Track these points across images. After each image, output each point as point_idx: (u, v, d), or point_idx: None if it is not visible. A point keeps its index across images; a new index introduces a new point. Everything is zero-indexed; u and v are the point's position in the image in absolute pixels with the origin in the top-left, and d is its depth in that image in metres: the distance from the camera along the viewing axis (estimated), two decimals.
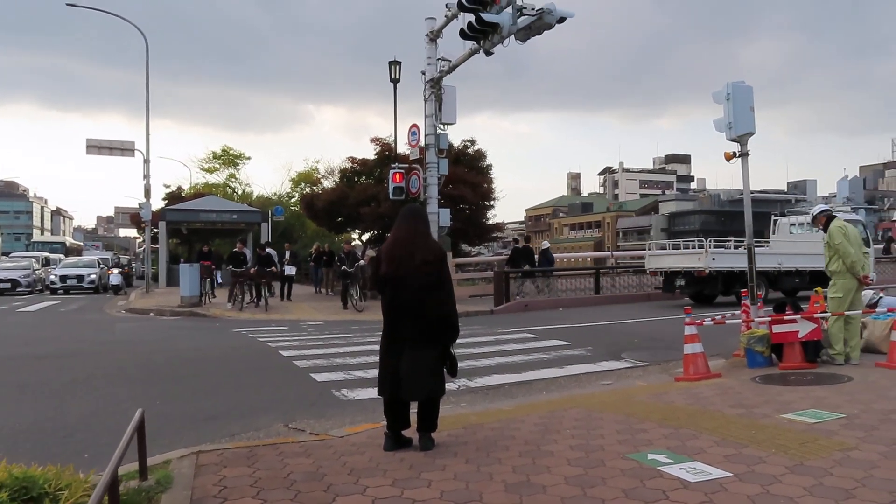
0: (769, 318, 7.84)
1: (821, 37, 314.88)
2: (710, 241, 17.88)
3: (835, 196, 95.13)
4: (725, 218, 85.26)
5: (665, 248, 21.62)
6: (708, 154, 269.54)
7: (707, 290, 17.42)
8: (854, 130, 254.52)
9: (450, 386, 6.51)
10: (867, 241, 16.02)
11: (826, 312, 7.75)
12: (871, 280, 7.75)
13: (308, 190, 35.80)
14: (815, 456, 4.35)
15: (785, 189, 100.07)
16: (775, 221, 20.14)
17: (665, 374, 8.25)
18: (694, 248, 18.66)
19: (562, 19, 13.71)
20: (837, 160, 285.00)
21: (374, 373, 5.22)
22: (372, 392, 5.82)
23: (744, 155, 8.71)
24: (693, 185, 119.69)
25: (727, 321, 8.65)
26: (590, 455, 4.62)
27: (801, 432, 4.92)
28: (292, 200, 46.20)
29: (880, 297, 9.04)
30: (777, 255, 17.76)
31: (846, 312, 7.64)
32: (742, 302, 8.84)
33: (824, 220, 8.03)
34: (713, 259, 16.79)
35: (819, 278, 13.33)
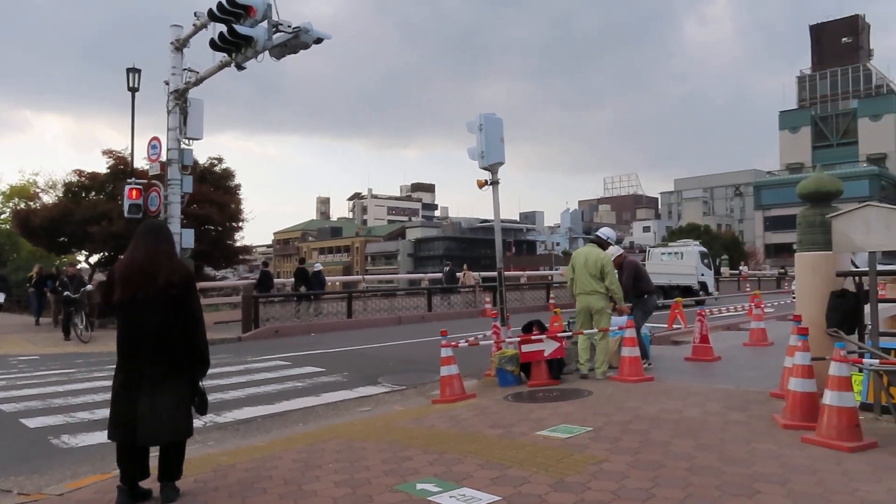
0: (518, 339, 8.22)
1: (546, 86, 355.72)
2: (651, 257, 26.68)
3: (559, 226, 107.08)
4: (467, 244, 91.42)
5: None
6: (451, 184, 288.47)
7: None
8: (573, 169, 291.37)
9: (196, 424, 5.76)
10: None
11: (567, 332, 8.37)
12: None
13: (23, 205, 30.90)
14: (573, 471, 4.48)
15: (518, 219, 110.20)
16: (649, 251, 28.92)
17: (422, 396, 8.24)
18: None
19: (319, 40, 13.43)
20: (561, 194, 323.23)
21: (104, 413, 4.40)
22: (101, 436, 4.93)
23: (494, 183, 9.12)
24: (437, 213, 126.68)
25: (480, 342, 8.94)
26: (357, 490, 4.29)
27: (556, 448, 5.08)
28: (1, 217, 39.84)
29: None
30: (652, 273, 23.42)
31: (584, 332, 8.31)
32: (493, 324, 9.20)
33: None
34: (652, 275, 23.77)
35: (684, 291, 24.05)
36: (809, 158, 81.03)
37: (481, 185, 9.00)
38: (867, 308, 6.20)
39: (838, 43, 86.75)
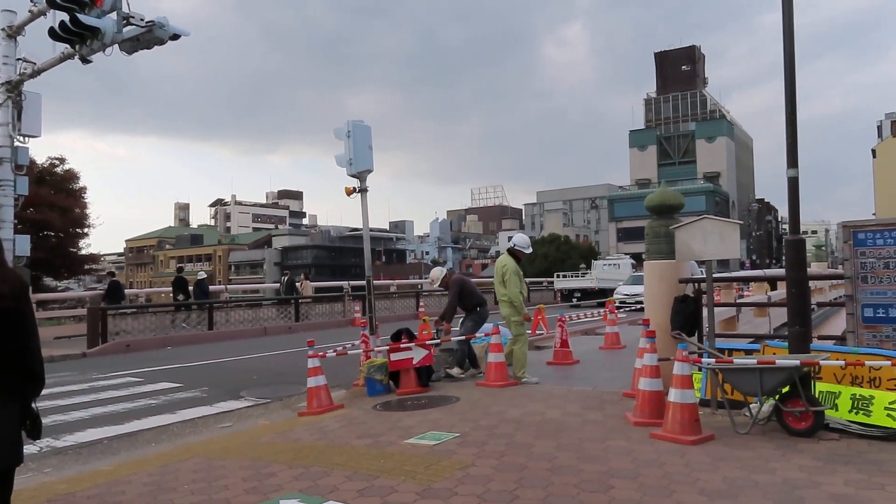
0: (387, 347, 8.21)
1: (414, 97, 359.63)
2: (595, 267, 35.77)
3: (428, 236, 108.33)
4: (336, 253, 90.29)
5: (566, 276, 37.26)
6: (320, 191, 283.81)
7: (594, 297, 31.36)
8: (441, 179, 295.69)
9: (30, 449, 5.27)
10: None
11: (435, 340, 8.49)
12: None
13: None
14: (440, 477, 4.53)
15: (387, 228, 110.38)
16: (592, 262, 38.48)
17: (288, 409, 8.02)
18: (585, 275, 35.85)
19: (175, 36, 12.76)
20: (430, 204, 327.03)
21: None
22: None
23: (363, 190, 9.08)
24: (305, 221, 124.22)
25: (349, 352, 8.83)
26: None
27: (425, 456, 5.11)
28: None
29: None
30: (597, 279, 33.52)
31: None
32: (362, 333, 9.13)
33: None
34: (598, 280, 33.05)
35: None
36: (656, 175, 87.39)
37: (349, 192, 8.93)
38: (706, 312, 6.76)
39: (679, 70, 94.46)
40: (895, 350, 6.20)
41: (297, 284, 24.76)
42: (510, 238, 9.01)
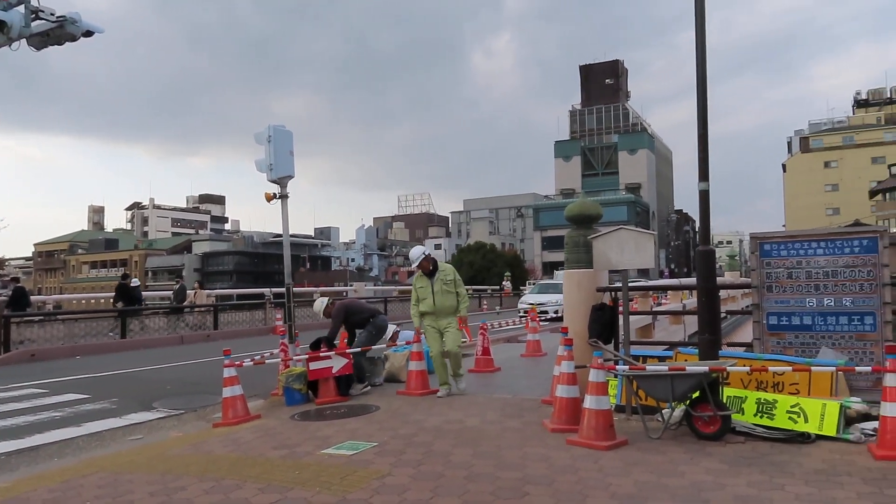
0: (306, 356, 8.06)
1: (342, 102, 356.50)
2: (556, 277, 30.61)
3: (354, 242, 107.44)
4: (258, 259, 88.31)
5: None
6: (243, 196, 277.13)
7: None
8: (369, 186, 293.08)
9: None
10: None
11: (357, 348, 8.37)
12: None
13: None
14: (356, 488, 4.46)
15: (313, 234, 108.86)
16: (556, 273, 33.83)
17: (203, 421, 7.75)
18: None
19: (89, 33, 12.15)
20: (357, 210, 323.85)
21: None
22: None
23: (283, 197, 8.91)
24: (227, 226, 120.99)
25: (267, 361, 8.63)
26: None
27: (341, 466, 5.03)
28: None
29: (398, 331, 10.22)
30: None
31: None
32: (281, 341, 8.94)
33: (429, 266, 8.13)
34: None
35: None
36: (580, 185, 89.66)
37: (269, 198, 8.75)
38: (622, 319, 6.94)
39: (603, 83, 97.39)
40: (798, 356, 6.54)
41: (191, 292, 23.52)
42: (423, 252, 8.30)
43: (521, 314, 22.60)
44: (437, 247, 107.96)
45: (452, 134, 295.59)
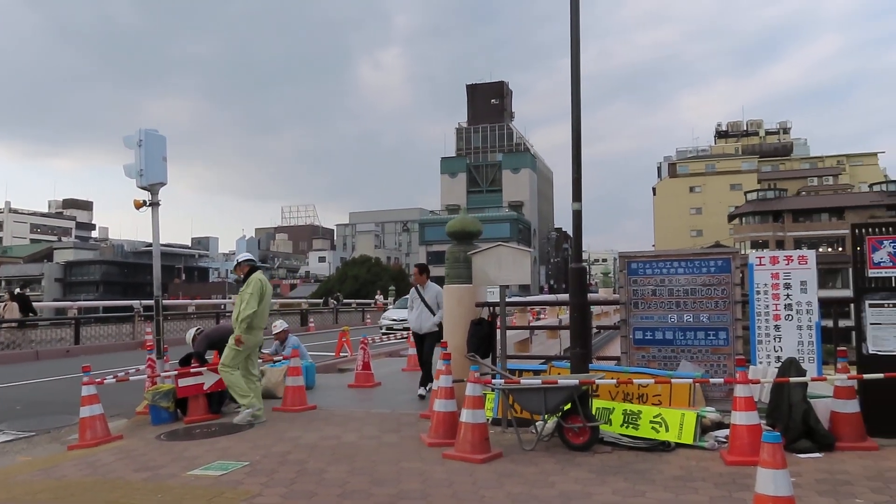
0: (175, 372, 7.65)
1: (224, 107, 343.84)
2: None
3: (234, 253, 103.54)
4: (129, 269, 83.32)
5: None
6: (114, 202, 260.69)
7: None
8: (250, 195, 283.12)
9: None
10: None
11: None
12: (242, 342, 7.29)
13: None
14: None
15: (189, 244, 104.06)
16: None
17: (57, 443, 7.17)
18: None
19: None
20: (237, 220, 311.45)
21: None
22: None
23: (154, 204, 8.45)
24: (95, 234, 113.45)
25: (131, 378, 8.11)
26: None
27: (207, 488, 4.80)
28: None
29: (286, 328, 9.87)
30: None
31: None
32: (148, 357, 8.44)
33: (247, 269, 7.65)
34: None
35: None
36: (465, 201, 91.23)
37: (139, 205, 8.27)
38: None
39: (488, 103, 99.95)
40: (661, 369, 6.94)
41: (1, 306, 20.05)
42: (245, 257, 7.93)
43: (382, 331, 22.16)
44: (322, 259, 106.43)
45: (339, 145, 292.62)
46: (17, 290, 19.55)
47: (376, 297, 46.11)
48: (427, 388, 8.33)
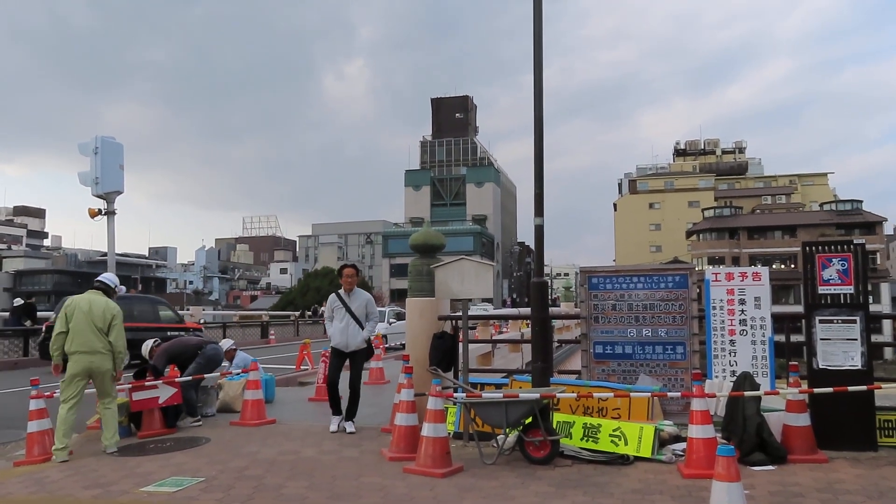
0: (129, 386, 7.46)
1: (184, 113, 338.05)
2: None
3: (193, 264, 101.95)
4: (82, 279, 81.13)
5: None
6: (67, 210, 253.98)
7: None
8: (210, 205, 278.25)
9: None
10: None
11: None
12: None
13: None
14: None
15: (147, 254, 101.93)
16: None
17: (2, 459, 6.90)
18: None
19: None
20: (196, 230, 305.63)
21: None
22: None
23: (110, 213, 8.29)
24: (47, 242, 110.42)
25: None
26: None
27: None
28: None
29: (235, 348, 9.67)
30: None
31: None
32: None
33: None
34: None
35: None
36: (429, 214, 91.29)
37: (94, 214, 8.10)
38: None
39: (453, 117, 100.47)
40: (620, 383, 7.02)
41: None
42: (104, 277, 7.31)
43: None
44: (283, 271, 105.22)
45: (301, 155, 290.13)
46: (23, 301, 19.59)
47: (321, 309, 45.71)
48: (353, 421, 7.46)
